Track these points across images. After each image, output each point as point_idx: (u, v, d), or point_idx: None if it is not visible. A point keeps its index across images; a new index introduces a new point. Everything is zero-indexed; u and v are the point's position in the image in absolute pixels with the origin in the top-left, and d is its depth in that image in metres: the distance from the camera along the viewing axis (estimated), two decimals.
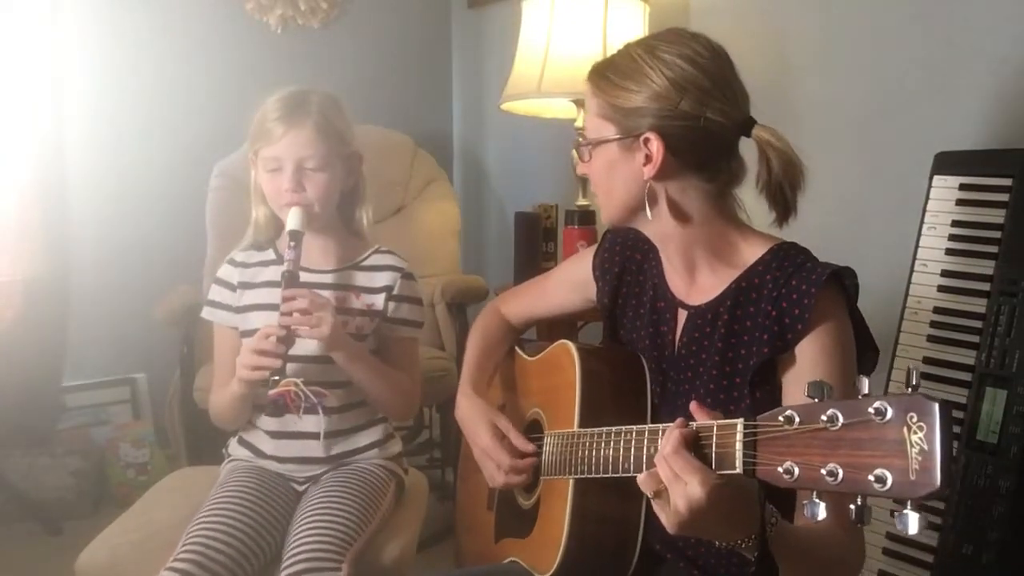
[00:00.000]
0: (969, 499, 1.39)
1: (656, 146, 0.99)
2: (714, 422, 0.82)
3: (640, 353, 1.16)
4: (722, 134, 1.00)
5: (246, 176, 1.46)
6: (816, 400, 0.71)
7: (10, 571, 2.22)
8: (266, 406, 1.32)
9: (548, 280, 1.38)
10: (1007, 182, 1.48)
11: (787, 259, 1.01)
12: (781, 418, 0.73)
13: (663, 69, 0.99)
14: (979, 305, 1.46)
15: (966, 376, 1.45)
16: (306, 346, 1.34)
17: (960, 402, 1.44)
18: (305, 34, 3.05)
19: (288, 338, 1.29)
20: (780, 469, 0.72)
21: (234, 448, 1.48)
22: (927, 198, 1.57)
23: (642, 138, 1.00)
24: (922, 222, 1.56)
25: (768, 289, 1.00)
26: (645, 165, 1.01)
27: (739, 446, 0.77)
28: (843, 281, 0.99)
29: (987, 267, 1.47)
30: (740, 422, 0.78)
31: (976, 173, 1.52)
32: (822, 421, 0.69)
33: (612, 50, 2.05)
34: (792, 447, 0.72)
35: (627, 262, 1.20)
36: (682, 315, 1.11)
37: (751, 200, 1.07)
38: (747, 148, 1.03)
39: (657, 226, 1.06)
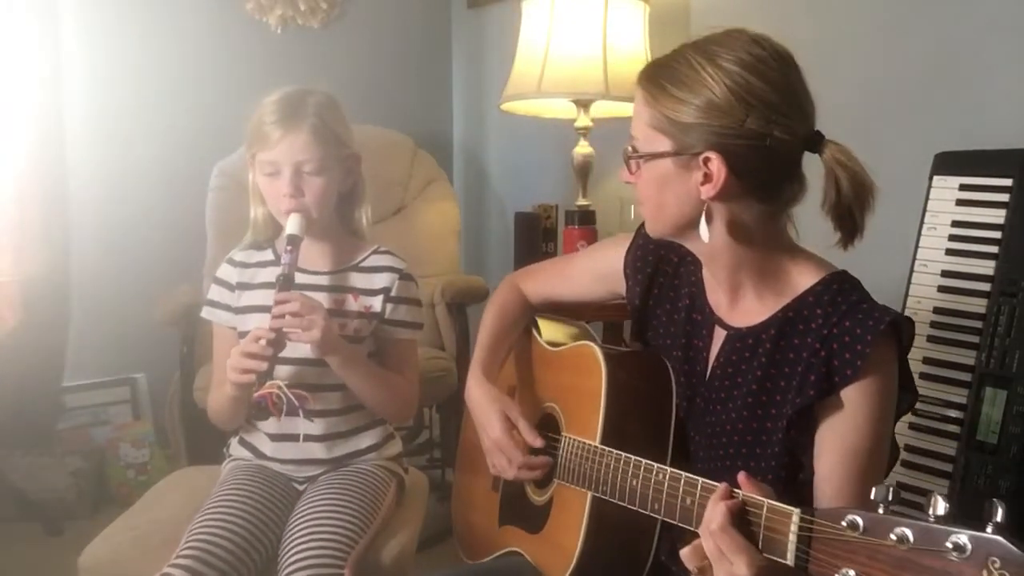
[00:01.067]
0: (969, 499, 1.40)
1: (718, 166, 0.92)
2: (764, 500, 0.78)
3: (669, 362, 1.12)
4: (788, 153, 0.94)
5: (246, 176, 1.46)
6: (880, 506, 0.67)
7: (10, 571, 2.22)
8: (249, 408, 1.32)
9: (572, 264, 1.33)
10: (1007, 182, 1.48)
11: (841, 294, 0.96)
12: (844, 523, 0.69)
13: (725, 80, 0.91)
14: (979, 305, 1.46)
15: (966, 376, 1.45)
16: (301, 349, 1.34)
17: (960, 402, 1.44)
18: (305, 34, 3.05)
19: (278, 341, 1.28)
20: (838, 574, 0.68)
21: (235, 448, 1.48)
22: (927, 198, 1.57)
23: (702, 157, 0.93)
24: (922, 222, 1.56)
25: (818, 324, 0.94)
26: (703, 184, 0.94)
27: (792, 538, 0.74)
28: (900, 330, 0.94)
29: (987, 267, 1.47)
30: (796, 513, 0.74)
31: (976, 173, 1.52)
32: (891, 539, 0.65)
33: (612, 50, 2.09)
34: (853, 554, 0.68)
35: (661, 263, 1.15)
36: (719, 334, 1.05)
37: (804, 213, 1.02)
38: (808, 161, 0.97)
39: (708, 244, 0.98)
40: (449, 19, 3.37)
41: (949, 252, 1.52)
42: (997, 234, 1.47)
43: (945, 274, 1.52)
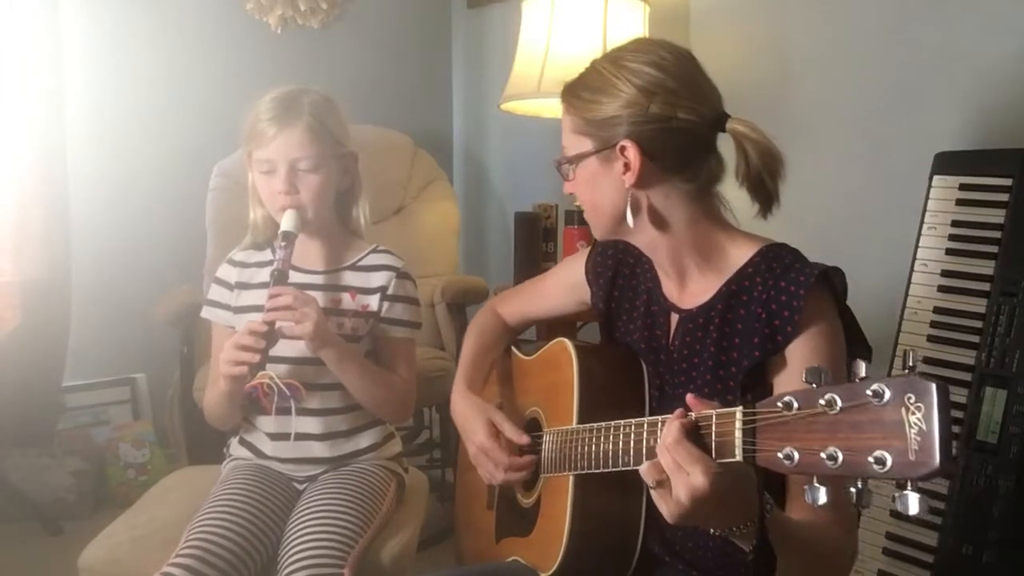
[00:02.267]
0: (969, 499, 1.40)
1: (633, 153, 1.00)
2: (713, 411, 0.82)
3: (638, 356, 1.16)
4: (696, 132, 1.01)
5: (246, 176, 1.46)
6: (814, 385, 0.71)
7: (10, 571, 2.22)
8: (241, 400, 1.32)
9: (544, 281, 1.39)
10: (1007, 182, 1.48)
11: (775, 261, 1.01)
12: (780, 404, 0.73)
13: (630, 77, 1.00)
14: (979, 305, 1.46)
15: (966, 376, 1.45)
16: (297, 347, 1.34)
17: (960, 402, 1.44)
18: (305, 34, 3.05)
19: (271, 335, 1.29)
20: (780, 455, 0.72)
21: (235, 448, 1.48)
22: (927, 198, 1.57)
23: (618, 147, 1.01)
24: (922, 222, 1.56)
25: (758, 291, 1.01)
26: (625, 173, 1.01)
27: (739, 434, 0.78)
28: (832, 281, 0.99)
29: (987, 267, 1.47)
30: (739, 410, 0.78)
31: (976, 173, 1.53)
32: (820, 405, 0.69)
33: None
34: (792, 433, 0.72)
35: (620, 265, 1.21)
36: (675, 319, 1.11)
37: (736, 198, 1.07)
38: (726, 146, 1.03)
39: (643, 235, 1.06)
40: (449, 19, 3.38)
41: (949, 252, 1.52)
42: (997, 234, 1.47)
43: (945, 274, 1.52)
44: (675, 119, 0.99)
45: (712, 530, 0.85)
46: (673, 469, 0.81)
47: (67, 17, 2.60)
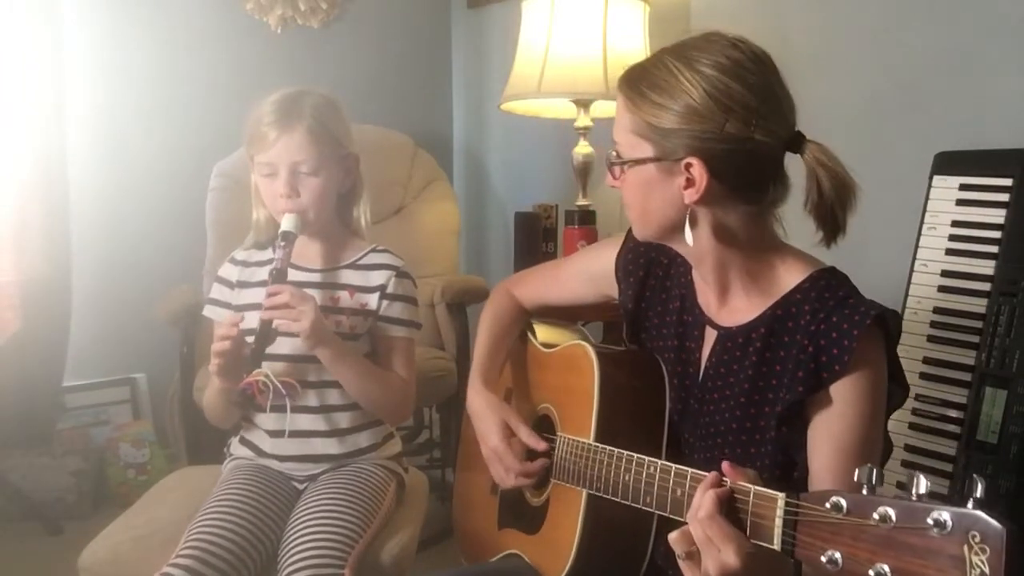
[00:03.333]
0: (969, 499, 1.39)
1: (699, 171, 0.92)
2: (751, 487, 0.78)
3: (663, 363, 1.12)
4: (769, 155, 0.94)
5: (246, 176, 1.46)
6: (863, 487, 0.68)
7: (10, 571, 2.22)
8: (236, 396, 1.33)
9: (563, 267, 1.34)
10: (1007, 182, 1.48)
11: (828, 290, 0.96)
12: (828, 504, 0.69)
13: (704, 84, 0.92)
14: (979, 305, 1.46)
15: (966, 376, 1.45)
16: (295, 345, 1.35)
17: (960, 402, 1.44)
18: (305, 34, 3.05)
19: (267, 333, 1.29)
20: (823, 558, 0.68)
21: (235, 447, 1.48)
22: (927, 198, 1.57)
23: (683, 163, 0.93)
24: (922, 222, 1.56)
25: (806, 320, 0.95)
26: (686, 189, 0.94)
27: (779, 522, 0.74)
28: (887, 324, 0.94)
29: (987, 267, 1.47)
30: (782, 497, 0.75)
31: (976, 173, 1.52)
32: (873, 519, 0.66)
33: (612, 50, 2.09)
34: (837, 536, 0.68)
35: (652, 265, 1.15)
36: (711, 334, 1.06)
37: (789, 211, 1.03)
38: (790, 161, 0.98)
39: (694, 247, 0.99)
40: (449, 19, 3.37)
41: (949, 252, 1.52)
42: (997, 234, 1.47)
43: (945, 274, 1.52)
44: (751, 140, 0.92)
45: None
46: (704, 543, 0.78)
47: (67, 17, 2.60)
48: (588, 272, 1.26)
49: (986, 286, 1.46)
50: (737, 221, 0.98)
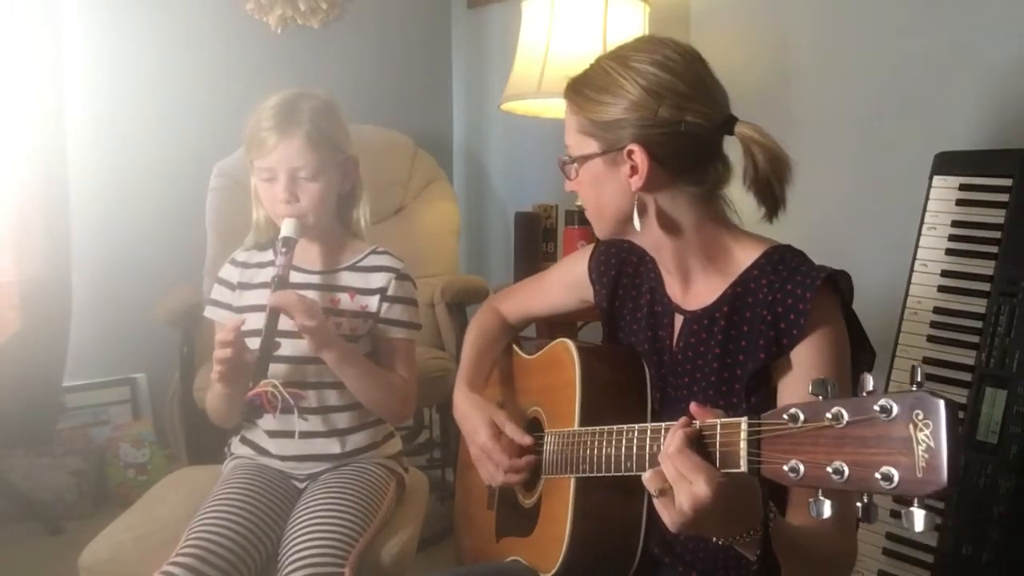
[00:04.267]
0: (969, 499, 1.40)
1: (640, 157, 0.99)
2: (717, 420, 0.81)
3: (641, 356, 1.16)
4: (705, 136, 1.00)
5: (246, 176, 1.47)
6: (820, 398, 0.71)
7: (10, 571, 2.22)
8: (244, 407, 1.33)
9: (544, 279, 1.38)
10: (1007, 182, 1.48)
11: (781, 263, 1.01)
12: (785, 416, 0.72)
13: (637, 78, 0.99)
14: (979, 305, 1.46)
15: (966, 376, 1.45)
16: (297, 347, 1.35)
17: (960, 402, 1.44)
18: (305, 34, 3.05)
19: (271, 341, 1.29)
20: (786, 468, 0.72)
21: (236, 447, 1.48)
22: (927, 198, 1.57)
23: (625, 150, 0.99)
24: (922, 222, 1.56)
25: (763, 294, 1.00)
26: (631, 177, 1.00)
27: (743, 444, 0.77)
28: (838, 284, 0.98)
29: (987, 267, 1.47)
30: (744, 420, 0.78)
31: (976, 173, 1.53)
32: (827, 419, 0.69)
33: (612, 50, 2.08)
34: (797, 445, 0.72)
35: (623, 264, 1.21)
36: (679, 320, 1.10)
37: (740, 198, 1.06)
38: (731, 147, 1.03)
39: (649, 236, 1.06)
40: (449, 19, 3.37)
41: (949, 252, 1.52)
42: (997, 234, 1.47)
43: (945, 274, 1.52)
44: (684, 123, 0.98)
45: (715, 539, 0.84)
46: (676, 478, 0.80)
47: (67, 17, 2.60)
48: (565, 281, 1.31)
49: (986, 286, 1.46)
50: (685, 205, 1.03)
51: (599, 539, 1.09)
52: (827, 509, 0.70)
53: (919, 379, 0.65)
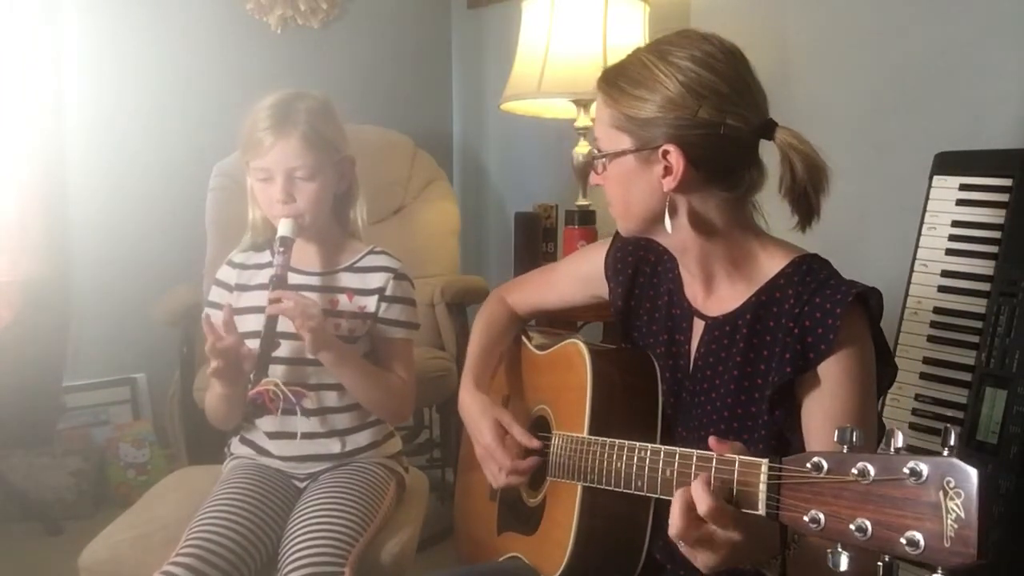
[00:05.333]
0: None
1: (676, 158, 0.95)
2: (736, 457, 0.80)
3: (655, 358, 1.14)
4: (743, 140, 0.96)
5: (245, 177, 1.46)
6: (843, 447, 0.69)
7: (10, 571, 2.22)
8: (246, 406, 1.32)
9: (555, 271, 1.35)
10: (1007, 182, 1.48)
11: (810, 274, 0.98)
12: (809, 464, 0.71)
13: (677, 75, 0.95)
14: (979, 305, 1.46)
15: (966, 376, 1.45)
16: (295, 348, 1.35)
17: (960, 402, 1.44)
18: (305, 34, 3.05)
19: (271, 339, 1.29)
20: (806, 518, 0.70)
21: (236, 447, 1.48)
22: (927, 198, 1.57)
23: (660, 150, 0.96)
24: (922, 222, 1.56)
25: (790, 304, 0.97)
26: (664, 177, 0.97)
27: (763, 488, 0.76)
28: (869, 302, 0.96)
29: (987, 267, 1.47)
30: (765, 463, 0.76)
31: (976, 173, 1.52)
32: (852, 474, 0.67)
33: (612, 50, 2.09)
34: (818, 495, 0.70)
35: (640, 263, 1.17)
36: (699, 325, 1.08)
37: (768, 202, 1.04)
38: (765, 149, 1.00)
39: (676, 237, 1.02)
40: (449, 19, 3.37)
41: (949, 252, 1.52)
42: (997, 234, 1.47)
43: (945, 274, 1.52)
44: (724, 126, 0.94)
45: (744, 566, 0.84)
46: (713, 533, 0.79)
47: (67, 17, 2.60)
48: (578, 274, 1.28)
49: (986, 286, 1.46)
50: (716, 208, 1.00)
51: (603, 545, 1.08)
52: (844, 562, 0.68)
53: (951, 442, 0.63)
